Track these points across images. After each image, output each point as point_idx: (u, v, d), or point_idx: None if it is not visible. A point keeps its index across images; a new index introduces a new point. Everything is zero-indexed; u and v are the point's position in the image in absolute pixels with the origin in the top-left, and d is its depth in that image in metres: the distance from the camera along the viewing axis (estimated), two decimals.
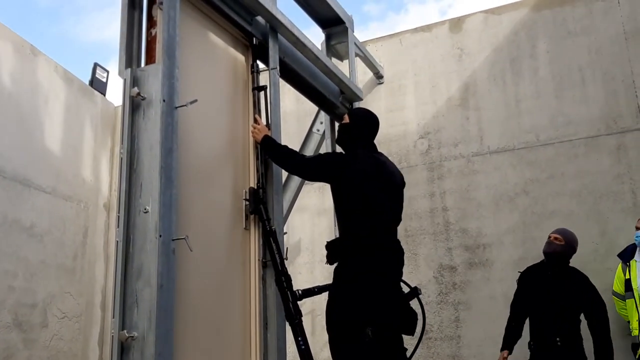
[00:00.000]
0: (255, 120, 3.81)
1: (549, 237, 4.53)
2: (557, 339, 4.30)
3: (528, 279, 4.60)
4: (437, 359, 5.50)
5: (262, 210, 3.62)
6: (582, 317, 4.43)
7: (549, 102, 5.63)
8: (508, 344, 4.55)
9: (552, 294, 4.39)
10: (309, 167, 3.61)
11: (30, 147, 6.07)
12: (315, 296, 3.81)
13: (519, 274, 4.69)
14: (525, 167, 5.57)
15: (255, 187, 3.70)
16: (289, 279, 3.52)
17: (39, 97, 6.27)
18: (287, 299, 3.45)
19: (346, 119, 3.69)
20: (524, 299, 4.57)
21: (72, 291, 6.43)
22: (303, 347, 3.39)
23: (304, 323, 3.36)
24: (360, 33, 7.30)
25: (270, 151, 3.69)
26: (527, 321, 4.59)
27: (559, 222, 5.23)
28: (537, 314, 4.46)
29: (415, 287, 3.43)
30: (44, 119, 6.30)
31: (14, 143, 5.85)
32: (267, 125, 3.85)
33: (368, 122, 3.67)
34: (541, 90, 5.68)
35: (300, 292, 3.56)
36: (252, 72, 3.95)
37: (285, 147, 3.66)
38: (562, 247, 4.45)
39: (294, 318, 3.42)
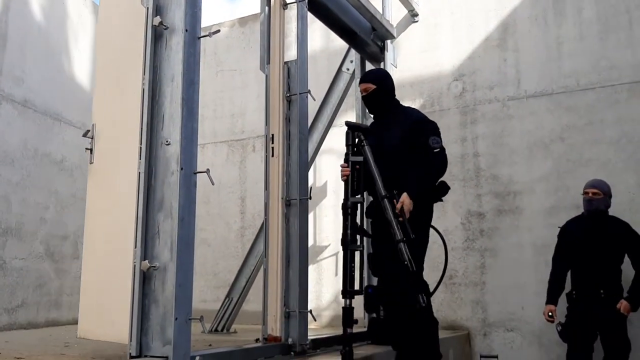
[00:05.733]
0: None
1: (587, 193, 4.46)
2: (601, 290, 4.34)
3: (569, 232, 4.60)
4: (461, 304, 5.48)
5: None
6: (622, 267, 4.42)
7: (593, 44, 5.34)
8: (553, 297, 4.57)
9: (595, 246, 4.40)
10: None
11: (59, 82, 6.08)
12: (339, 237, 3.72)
13: (559, 228, 4.67)
14: (562, 113, 5.35)
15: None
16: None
17: (68, 31, 6.23)
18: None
19: (370, 87, 3.59)
20: (566, 253, 4.57)
21: None
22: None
23: (329, 264, 3.29)
24: None
25: (426, 187, 3.45)
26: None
27: (594, 170, 5.05)
28: (580, 267, 4.47)
29: None
30: (73, 54, 6.27)
31: (43, 77, 5.87)
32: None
33: (391, 79, 3.71)
34: (585, 32, 5.39)
35: None
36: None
37: (424, 172, 3.42)
38: (603, 201, 4.44)
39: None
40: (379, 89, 3.58)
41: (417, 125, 3.51)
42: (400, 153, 3.46)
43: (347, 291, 3.28)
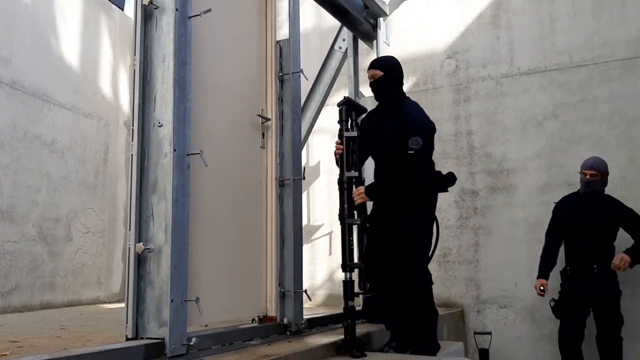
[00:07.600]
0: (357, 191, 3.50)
1: (584, 174, 4.44)
2: (595, 266, 4.36)
3: (564, 208, 4.61)
4: (455, 281, 5.52)
5: None
6: (615, 244, 4.45)
7: (586, 21, 5.31)
8: (544, 272, 4.61)
9: (590, 222, 4.42)
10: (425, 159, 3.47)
11: (48, 63, 5.99)
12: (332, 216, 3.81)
13: (554, 204, 4.70)
14: (556, 90, 5.34)
15: None
16: None
17: (56, 11, 6.12)
18: None
19: (378, 73, 3.54)
20: (559, 228, 4.60)
21: (95, 207, 6.53)
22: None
23: (323, 243, 3.34)
24: None
25: (387, 193, 3.48)
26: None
27: (587, 147, 5.07)
28: (574, 243, 4.49)
29: None
30: (61, 34, 6.18)
31: (32, 58, 5.78)
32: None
33: (400, 68, 3.63)
34: (578, 8, 5.36)
35: None
36: None
37: (394, 177, 3.45)
38: (601, 182, 4.45)
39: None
40: (385, 75, 3.54)
41: (403, 126, 3.42)
42: (385, 157, 3.55)
43: (347, 264, 3.35)
